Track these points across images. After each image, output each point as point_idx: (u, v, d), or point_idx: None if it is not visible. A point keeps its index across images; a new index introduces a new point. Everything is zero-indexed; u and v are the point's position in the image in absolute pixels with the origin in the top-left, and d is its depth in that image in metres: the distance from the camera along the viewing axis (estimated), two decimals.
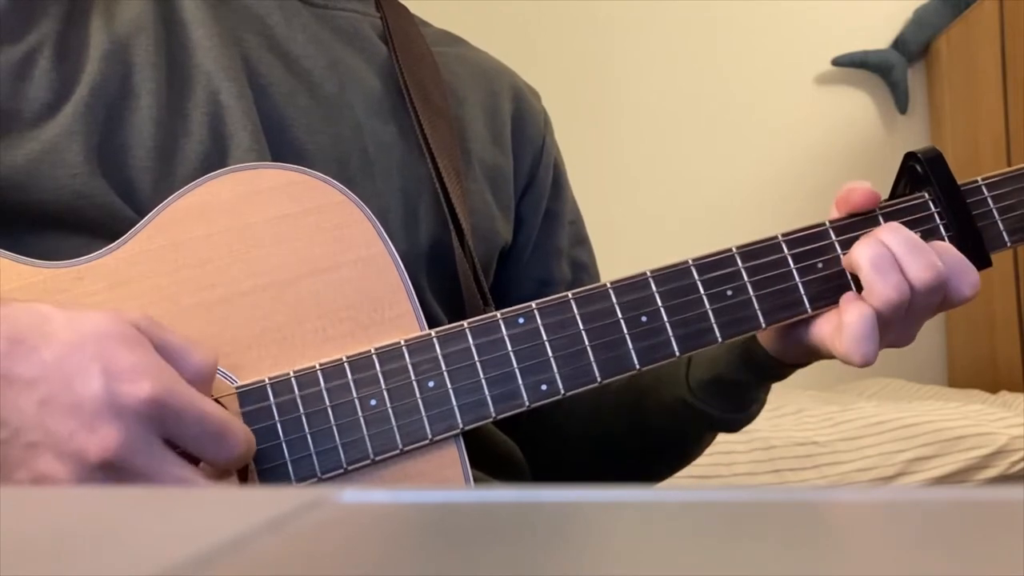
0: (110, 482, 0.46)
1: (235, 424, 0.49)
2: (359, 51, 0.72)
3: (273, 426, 0.55)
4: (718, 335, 0.60)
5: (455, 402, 0.57)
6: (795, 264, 0.62)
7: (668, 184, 2.52)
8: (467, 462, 0.57)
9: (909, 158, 0.66)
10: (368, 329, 0.58)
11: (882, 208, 0.63)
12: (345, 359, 0.57)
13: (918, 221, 0.63)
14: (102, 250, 0.57)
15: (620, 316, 0.59)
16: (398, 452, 0.56)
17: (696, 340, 0.60)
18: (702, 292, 0.60)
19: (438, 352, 0.57)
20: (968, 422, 1.55)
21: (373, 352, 0.57)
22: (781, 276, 0.61)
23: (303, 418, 0.56)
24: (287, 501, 0.23)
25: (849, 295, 0.61)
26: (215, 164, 0.61)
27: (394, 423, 0.56)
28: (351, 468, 0.56)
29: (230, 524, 0.22)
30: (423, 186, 0.69)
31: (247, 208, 0.58)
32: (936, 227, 0.63)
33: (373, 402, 0.56)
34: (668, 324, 0.59)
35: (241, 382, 0.56)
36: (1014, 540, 0.19)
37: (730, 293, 0.61)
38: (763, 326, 0.61)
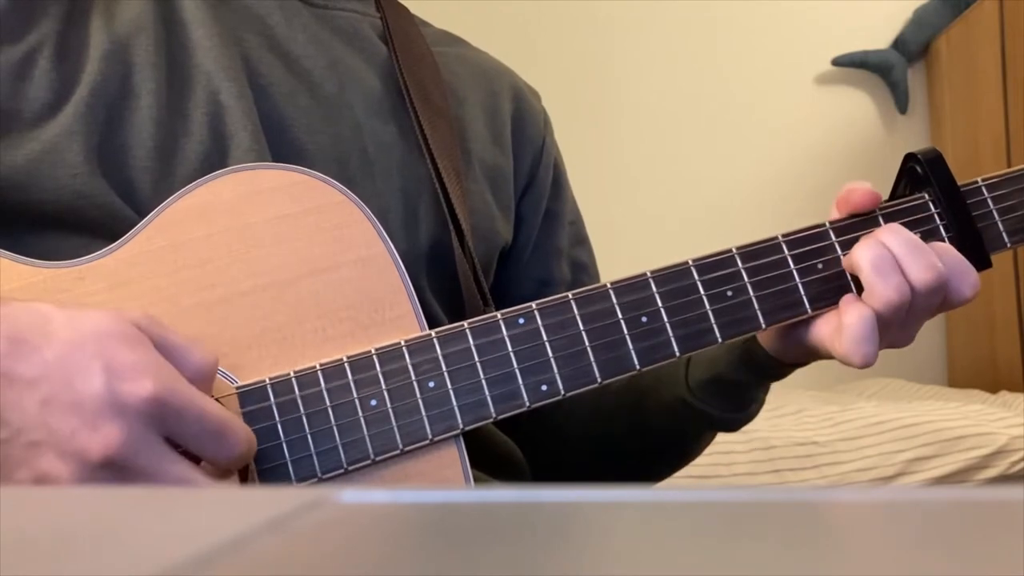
0: (112, 481, 0.46)
1: (236, 423, 0.50)
2: (359, 51, 0.72)
3: (274, 426, 0.55)
4: (718, 335, 0.60)
5: (455, 402, 0.57)
6: (795, 265, 0.62)
7: (668, 184, 2.52)
8: (467, 462, 0.57)
9: (909, 159, 0.66)
10: (368, 329, 0.58)
11: (882, 209, 0.63)
12: (345, 359, 0.57)
13: (918, 222, 0.63)
14: (102, 250, 0.57)
15: (620, 316, 0.59)
16: (398, 452, 0.56)
17: (696, 340, 0.60)
18: (702, 292, 0.60)
19: (438, 352, 0.57)
20: (968, 422, 1.55)
21: (373, 352, 0.57)
22: (781, 277, 0.61)
23: (303, 418, 0.56)
24: (287, 501, 0.23)
25: (849, 296, 0.61)
26: (215, 164, 0.61)
27: (394, 423, 0.56)
28: (351, 468, 0.56)
29: (230, 524, 0.22)
30: (423, 186, 0.69)
31: (247, 208, 0.58)
32: (936, 228, 0.63)
33: (373, 402, 0.56)
34: (668, 324, 0.60)
35: (241, 382, 0.56)
36: (1014, 540, 0.19)
37: (730, 294, 0.61)
38: (763, 327, 0.61)
